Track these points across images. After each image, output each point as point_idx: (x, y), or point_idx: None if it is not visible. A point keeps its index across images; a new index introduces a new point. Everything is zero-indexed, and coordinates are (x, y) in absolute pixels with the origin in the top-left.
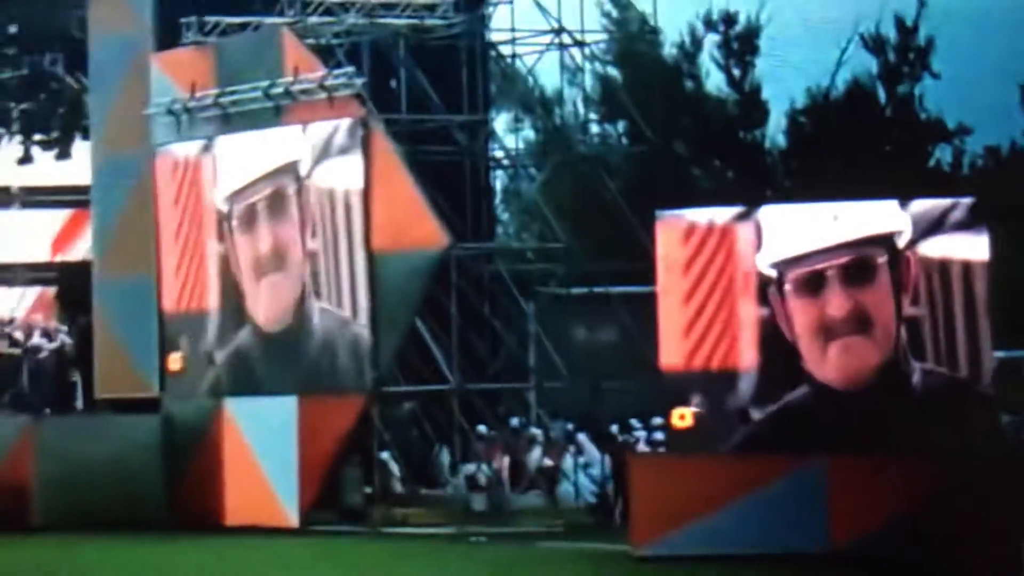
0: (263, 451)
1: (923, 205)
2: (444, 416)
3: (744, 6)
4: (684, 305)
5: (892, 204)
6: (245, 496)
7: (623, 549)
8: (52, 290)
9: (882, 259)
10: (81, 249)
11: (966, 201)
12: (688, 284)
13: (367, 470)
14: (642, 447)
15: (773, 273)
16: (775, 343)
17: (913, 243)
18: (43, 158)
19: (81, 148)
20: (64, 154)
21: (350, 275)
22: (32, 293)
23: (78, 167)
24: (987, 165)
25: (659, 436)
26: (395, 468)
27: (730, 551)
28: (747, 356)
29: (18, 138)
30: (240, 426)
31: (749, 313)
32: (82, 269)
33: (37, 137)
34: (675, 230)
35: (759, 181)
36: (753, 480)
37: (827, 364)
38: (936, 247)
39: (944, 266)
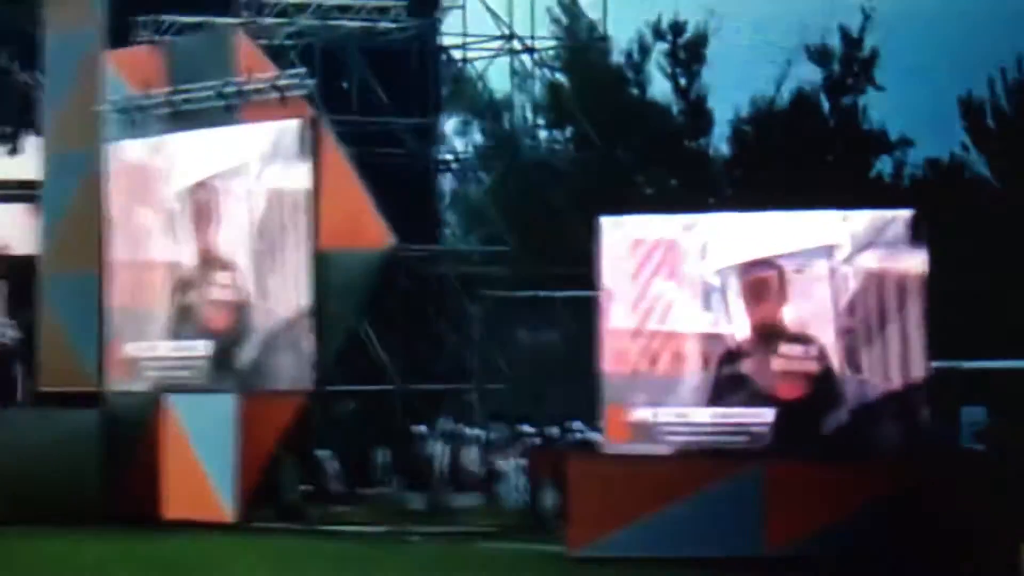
0: (202, 446)
1: (863, 218)
2: (385, 416)
3: (692, 15)
4: (630, 310)
5: (833, 215)
6: (183, 491)
7: (559, 550)
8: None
9: (822, 270)
10: (28, 244)
11: (905, 214)
12: (634, 290)
13: (305, 468)
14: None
15: (717, 281)
16: (718, 350)
17: (852, 255)
18: None
19: (32, 144)
20: (15, 150)
21: (295, 274)
22: None
23: (28, 163)
24: (927, 177)
25: (596, 436)
26: (333, 466)
27: (666, 554)
28: (691, 362)
29: None
30: (180, 421)
31: (693, 319)
32: (28, 264)
33: None
34: (619, 236)
35: (702, 189)
36: (690, 483)
37: (767, 371)
38: (874, 259)
39: (881, 279)
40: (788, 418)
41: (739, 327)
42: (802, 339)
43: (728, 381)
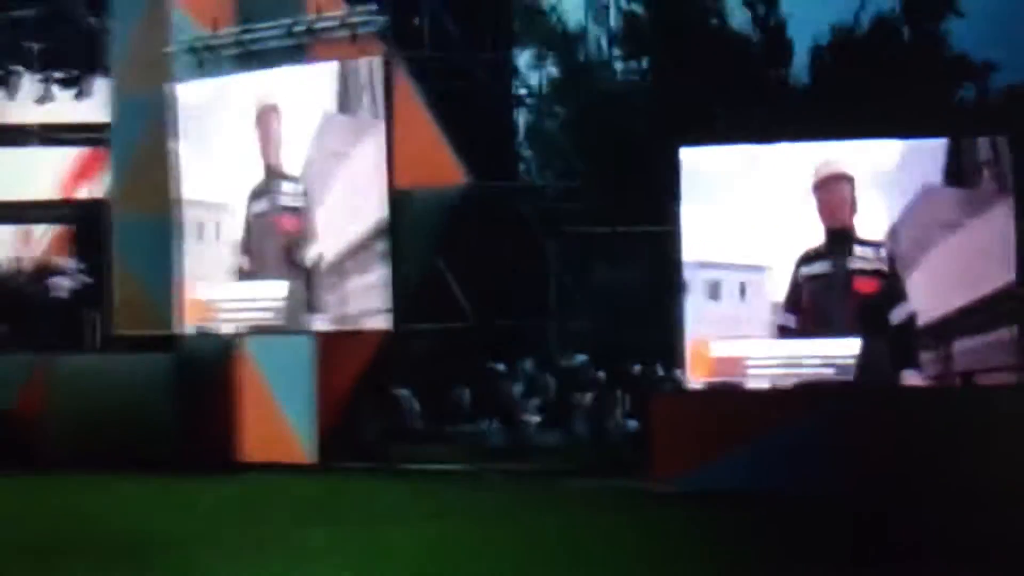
0: (280, 388)
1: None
2: (464, 354)
3: None
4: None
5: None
6: (262, 433)
7: (640, 487)
8: (69, 229)
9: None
10: (98, 188)
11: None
12: (715, 219)
13: (385, 407)
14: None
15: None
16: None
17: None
18: (62, 96)
19: (100, 87)
20: (83, 93)
21: (371, 213)
22: (49, 231)
23: (97, 105)
24: (1011, 101)
25: (677, 373)
26: (413, 405)
27: (751, 487)
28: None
29: (37, 76)
30: (257, 363)
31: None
32: (99, 208)
33: (56, 75)
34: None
35: (782, 119)
36: (776, 417)
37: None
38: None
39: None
40: (864, 314)
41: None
42: (873, 244)
43: (808, 281)
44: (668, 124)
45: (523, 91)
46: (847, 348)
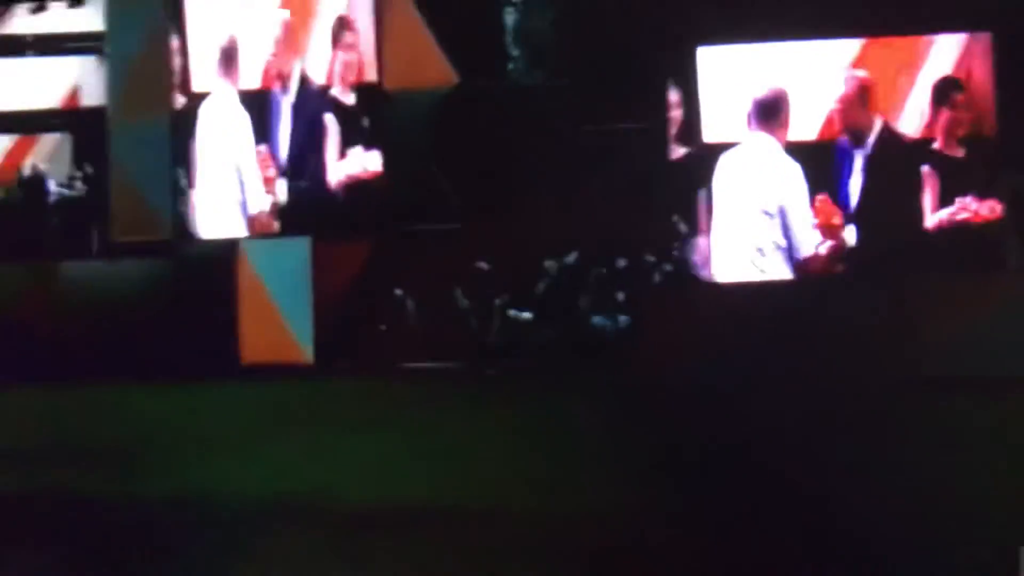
0: (279, 291)
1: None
2: (459, 255)
3: None
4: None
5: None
6: (261, 336)
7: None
8: (67, 137)
9: None
10: (97, 96)
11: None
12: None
13: (384, 308)
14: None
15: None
16: None
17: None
18: (56, 6)
19: None
20: (77, 2)
21: (361, 119)
22: (47, 140)
23: (91, 12)
24: None
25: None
26: (411, 306)
27: None
28: None
29: None
30: (255, 267)
31: None
32: (95, 114)
33: None
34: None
35: (762, 14)
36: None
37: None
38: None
39: None
40: None
41: None
42: None
43: None
44: (657, 20)
45: None
46: None
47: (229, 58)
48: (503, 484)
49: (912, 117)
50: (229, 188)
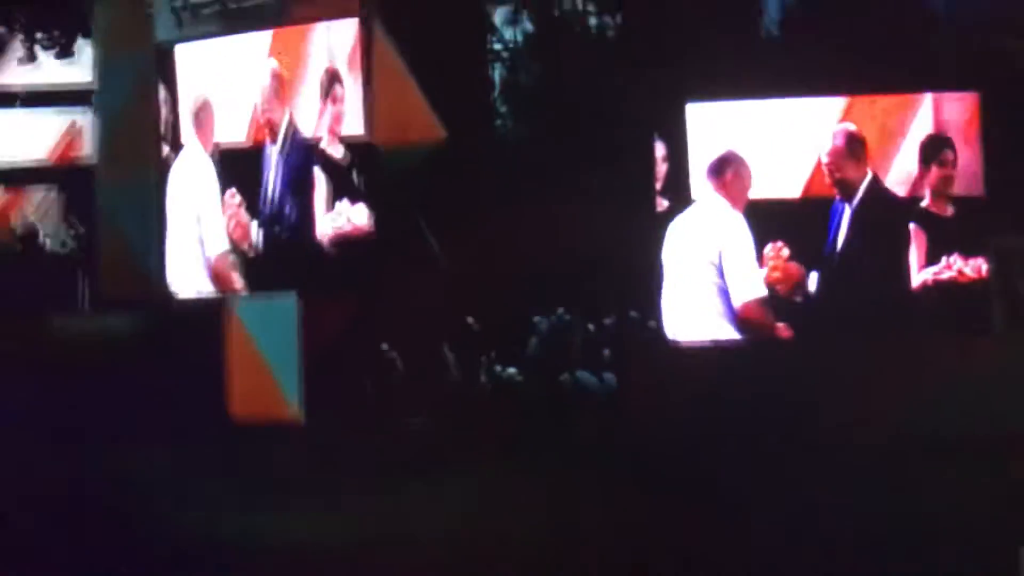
0: (267, 348)
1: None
2: (446, 310)
3: None
4: None
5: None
6: (250, 392)
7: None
8: (56, 191)
9: None
10: (84, 151)
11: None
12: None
13: (372, 364)
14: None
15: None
16: None
17: None
18: (46, 58)
19: (84, 48)
20: (66, 53)
21: (350, 173)
22: (36, 194)
23: (81, 67)
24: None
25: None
26: (399, 362)
27: None
28: None
29: (20, 37)
30: (244, 323)
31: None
32: (85, 170)
33: (40, 36)
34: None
35: (762, 72)
36: None
37: None
38: None
39: None
40: None
41: None
42: None
43: None
44: (644, 77)
45: (499, 47)
46: None
47: (200, 117)
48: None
49: (900, 175)
50: (195, 245)
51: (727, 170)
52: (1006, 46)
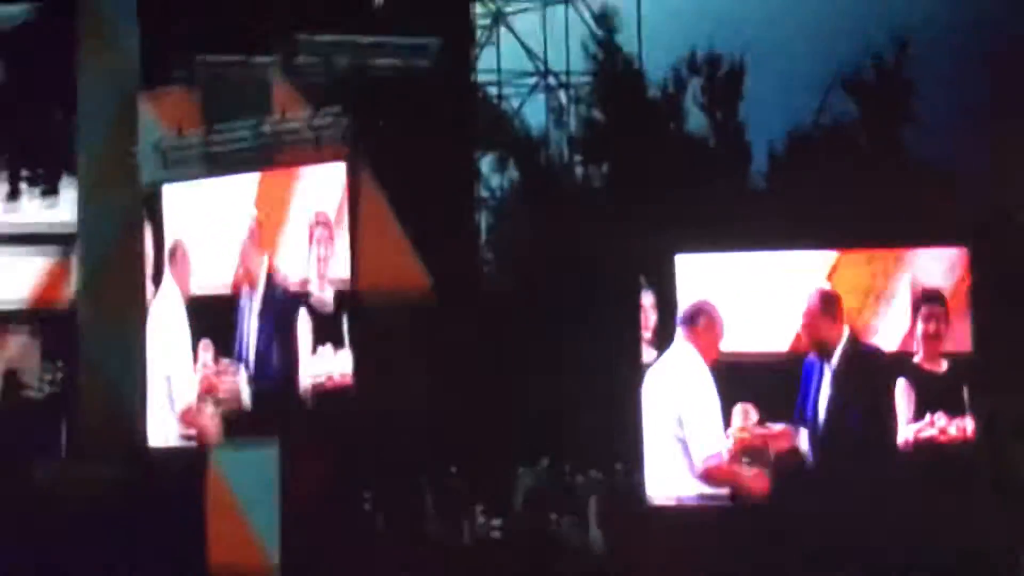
0: (246, 497)
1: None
2: (427, 460)
3: (728, 48)
4: None
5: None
6: (228, 541)
7: None
8: (37, 336)
9: None
10: (67, 293)
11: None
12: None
13: (352, 512)
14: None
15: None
16: None
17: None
18: (30, 197)
19: (68, 190)
20: (51, 192)
21: (334, 318)
22: (16, 338)
23: (65, 209)
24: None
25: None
26: (380, 511)
27: None
28: None
29: (5, 176)
30: (223, 472)
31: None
32: (67, 313)
33: (25, 175)
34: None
35: (742, 223)
36: None
37: None
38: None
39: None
40: None
41: None
42: None
43: None
44: (629, 227)
45: (485, 194)
46: None
47: (177, 258)
48: None
49: (890, 330)
50: (167, 391)
51: (699, 320)
52: (995, 201)
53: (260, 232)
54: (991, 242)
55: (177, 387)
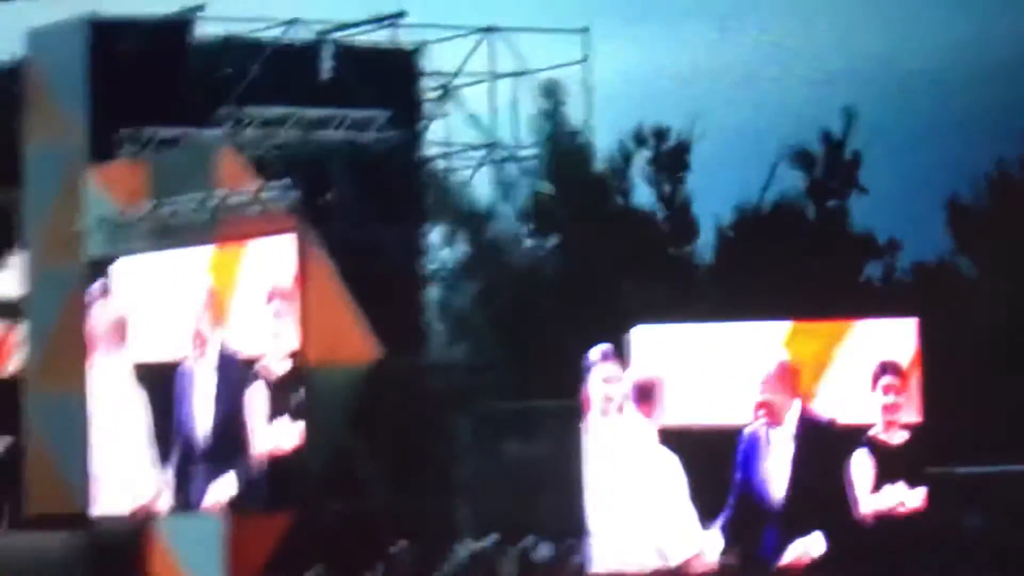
0: (191, 568)
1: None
2: (374, 534)
3: (675, 121)
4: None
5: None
6: None
7: None
8: None
9: None
10: (13, 363)
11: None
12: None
13: None
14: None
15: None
16: None
17: None
18: None
19: (15, 261)
20: None
21: (282, 389)
22: None
23: (11, 280)
24: (917, 281)
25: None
26: None
27: None
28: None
29: None
30: (168, 543)
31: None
32: (12, 383)
33: None
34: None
35: (688, 296)
36: None
37: None
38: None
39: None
40: None
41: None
42: None
43: None
44: (576, 300)
45: (434, 267)
46: None
47: (121, 333)
48: None
49: (844, 400)
50: (120, 462)
51: (649, 393)
52: (946, 274)
53: (212, 303)
54: (942, 312)
55: (127, 451)
